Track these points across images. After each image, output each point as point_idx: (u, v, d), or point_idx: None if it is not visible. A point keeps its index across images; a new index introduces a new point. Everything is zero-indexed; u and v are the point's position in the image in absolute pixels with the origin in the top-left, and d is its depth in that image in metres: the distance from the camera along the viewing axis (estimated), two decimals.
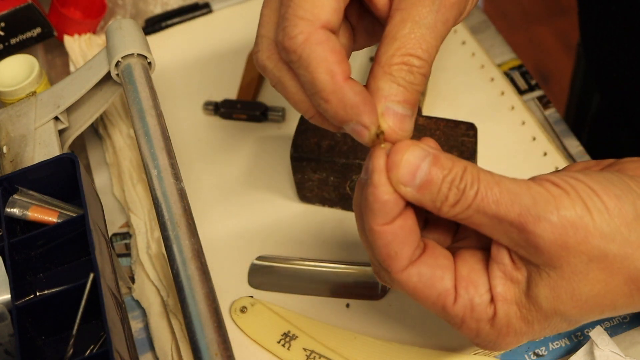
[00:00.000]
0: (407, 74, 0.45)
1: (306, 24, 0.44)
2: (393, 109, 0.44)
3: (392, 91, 0.45)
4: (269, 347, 0.59)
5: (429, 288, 0.44)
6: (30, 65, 0.71)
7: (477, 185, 0.42)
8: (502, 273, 0.43)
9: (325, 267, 0.63)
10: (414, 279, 0.44)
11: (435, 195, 0.42)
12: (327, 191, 0.65)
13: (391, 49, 0.45)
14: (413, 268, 0.44)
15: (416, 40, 0.45)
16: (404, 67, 0.44)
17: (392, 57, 0.45)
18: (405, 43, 0.45)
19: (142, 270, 0.65)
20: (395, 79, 0.45)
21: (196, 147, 0.74)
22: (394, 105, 0.44)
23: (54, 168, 0.57)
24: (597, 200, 0.41)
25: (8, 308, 0.50)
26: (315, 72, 0.44)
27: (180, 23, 0.85)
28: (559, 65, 1.94)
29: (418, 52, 0.45)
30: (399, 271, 0.44)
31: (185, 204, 0.52)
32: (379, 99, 0.45)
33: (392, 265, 0.44)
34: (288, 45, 0.44)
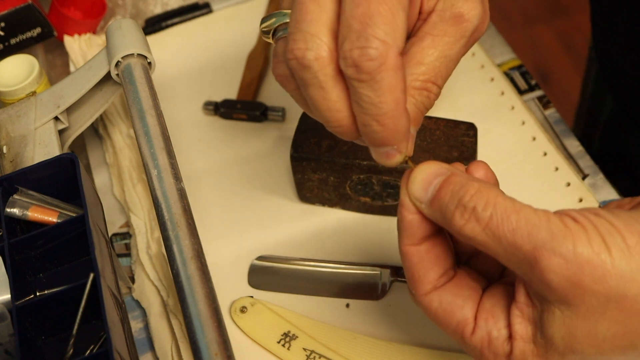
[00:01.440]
0: (425, 99, 0.47)
1: (386, 47, 0.42)
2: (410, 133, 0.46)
3: (412, 114, 0.46)
4: (269, 347, 0.59)
5: (449, 315, 0.44)
6: (30, 65, 0.71)
7: (492, 210, 0.41)
8: (520, 311, 0.43)
9: (325, 267, 0.63)
10: (435, 304, 0.44)
11: (444, 211, 0.42)
12: (327, 191, 0.65)
13: (417, 71, 0.46)
14: (435, 294, 0.44)
15: (439, 70, 0.47)
16: (424, 92, 0.46)
17: (416, 80, 0.46)
18: (430, 70, 0.46)
19: (142, 270, 0.65)
20: (415, 102, 0.46)
21: (196, 147, 0.74)
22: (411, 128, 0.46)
23: (54, 168, 0.57)
24: (618, 237, 0.39)
25: (8, 308, 0.50)
26: (384, 96, 0.43)
27: (180, 23, 0.85)
28: (559, 65, 1.94)
29: (439, 81, 0.47)
30: (421, 294, 0.45)
31: (185, 204, 0.52)
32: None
33: (416, 287, 0.45)
34: (365, 65, 0.42)
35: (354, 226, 0.66)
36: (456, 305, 0.44)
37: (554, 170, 0.66)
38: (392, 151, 0.45)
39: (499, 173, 0.67)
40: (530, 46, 2.00)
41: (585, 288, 0.39)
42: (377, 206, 0.65)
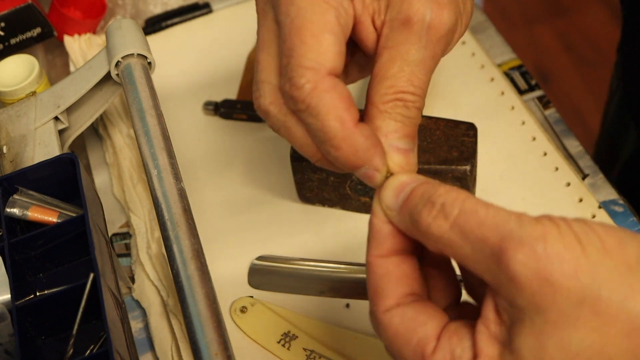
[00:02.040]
0: (403, 109, 0.45)
1: (312, 73, 0.43)
2: (396, 145, 0.44)
3: (390, 128, 0.44)
4: (269, 347, 0.59)
5: (409, 332, 0.40)
6: (30, 65, 0.71)
7: (460, 206, 0.38)
8: (486, 328, 0.38)
9: (325, 267, 0.63)
10: (396, 319, 0.41)
11: (412, 212, 0.40)
12: (327, 191, 0.65)
13: (383, 87, 0.45)
14: (397, 309, 0.41)
15: (407, 78, 0.45)
16: (399, 103, 0.45)
17: (384, 95, 0.45)
18: (397, 81, 0.45)
19: (142, 270, 0.65)
20: (392, 116, 0.45)
21: (196, 147, 0.74)
22: (396, 141, 0.44)
23: (54, 168, 0.57)
24: (594, 237, 0.36)
25: (8, 308, 0.50)
26: (325, 121, 0.43)
27: (180, 23, 0.85)
28: (559, 65, 1.94)
29: (410, 89, 0.45)
30: (382, 311, 0.41)
31: (185, 204, 0.52)
32: (382, 137, 0.44)
33: (378, 301, 0.42)
34: (296, 95, 0.43)
35: (354, 226, 0.66)
36: (418, 322, 0.40)
37: (554, 170, 0.66)
38: (369, 171, 0.44)
39: (499, 173, 0.68)
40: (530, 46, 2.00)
41: (555, 285, 0.35)
42: None
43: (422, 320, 0.40)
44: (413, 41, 0.45)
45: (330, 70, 0.43)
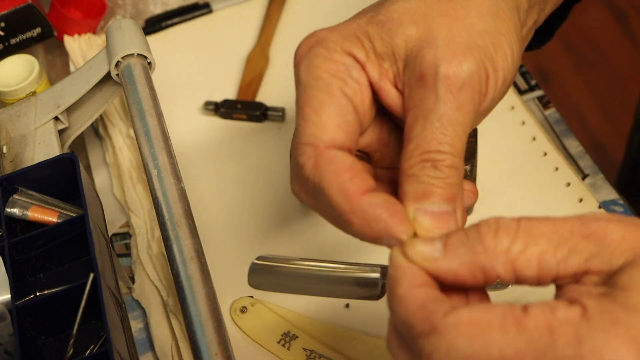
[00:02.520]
0: (431, 170, 0.41)
1: (311, 149, 0.42)
2: (425, 209, 0.41)
3: (419, 191, 0.41)
4: (269, 347, 0.59)
5: (485, 312, 0.35)
6: (30, 65, 0.71)
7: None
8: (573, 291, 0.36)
9: (325, 267, 0.63)
10: (464, 315, 0.35)
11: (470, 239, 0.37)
12: None
13: (408, 150, 0.42)
14: (459, 309, 0.36)
15: (431, 136, 0.41)
16: (427, 164, 0.41)
17: (410, 158, 0.41)
18: (421, 141, 0.41)
19: (142, 270, 0.64)
20: (420, 179, 0.41)
21: (196, 147, 0.74)
22: (425, 205, 0.41)
23: (54, 168, 0.57)
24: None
25: (8, 308, 0.50)
26: (330, 196, 0.41)
27: (180, 23, 0.85)
28: (559, 65, 1.94)
29: (435, 147, 0.41)
30: (443, 316, 0.35)
31: (185, 204, 0.52)
32: (407, 202, 0.41)
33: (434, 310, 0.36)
34: (301, 174, 0.43)
35: None
36: (487, 305, 0.36)
37: (554, 170, 0.66)
38: (392, 242, 0.41)
39: (499, 173, 0.67)
40: None
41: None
42: None
43: (487, 304, 0.36)
44: (430, 97, 0.42)
45: (329, 143, 0.42)
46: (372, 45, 0.44)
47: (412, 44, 0.43)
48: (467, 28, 0.43)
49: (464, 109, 0.42)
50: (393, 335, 0.38)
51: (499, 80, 0.44)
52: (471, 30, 0.43)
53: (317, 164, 0.42)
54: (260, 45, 0.80)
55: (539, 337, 0.33)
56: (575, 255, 0.36)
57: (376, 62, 0.44)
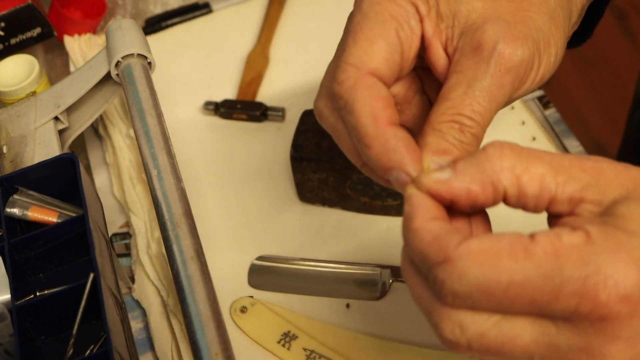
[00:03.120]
0: (457, 132, 0.43)
1: (354, 69, 0.44)
2: (440, 163, 0.42)
3: (440, 146, 0.42)
4: (269, 347, 0.59)
5: (495, 241, 0.36)
6: (30, 65, 0.71)
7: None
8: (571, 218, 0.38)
9: (325, 267, 0.63)
10: (475, 245, 0.36)
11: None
12: (327, 191, 0.65)
13: (442, 108, 0.44)
14: (470, 239, 0.37)
15: (468, 102, 0.43)
16: (455, 125, 0.43)
17: (441, 115, 0.43)
18: (457, 104, 0.43)
19: (142, 270, 0.65)
20: (444, 136, 0.43)
21: (196, 147, 0.74)
22: (442, 160, 0.42)
23: (54, 168, 0.57)
24: None
25: (8, 308, 0.50)
26: (359, 117, 0.43)
27: (180, 23, 0.85)
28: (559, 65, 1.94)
29: (469, 113, 0.43)
30: (456, 247, 0.37)
31: (185, 204, 0.52)
32: (426, 152, 0.42)
33: (447, 243, 0.37)
34: (336, 90, 0.44)
35: (354, 226, 0.66)
36: (494, 236, 0.37)
37: None
38: (401, 176, 0.42)
39: None
40: None
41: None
42: (377, 206, 0.65)
43: (496, 235, 0.37)
44: (481, 67, 0.44)
45: (372, 70, 0.44)
46: (436, 3, 0.46)
47: (476, 16, 0.46)
48: (527, 20, 0.46)
49: (504, 89, 0.44)
50: (407, 264, 0.40)
51: (539, 76, 0.47)
52: (530, 23, 0.46)
53: (356, 84, 0.43)
54: (260, 45, 0.80)
55: (547, 262, 0.35)
56: (573, 181, 0.38)
57: (435, 20, 0.46)
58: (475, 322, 0.37)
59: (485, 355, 0.38)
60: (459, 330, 0.37)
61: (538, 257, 0.35)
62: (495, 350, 0.37)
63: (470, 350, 0.38)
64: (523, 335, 0.37)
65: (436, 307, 0.38)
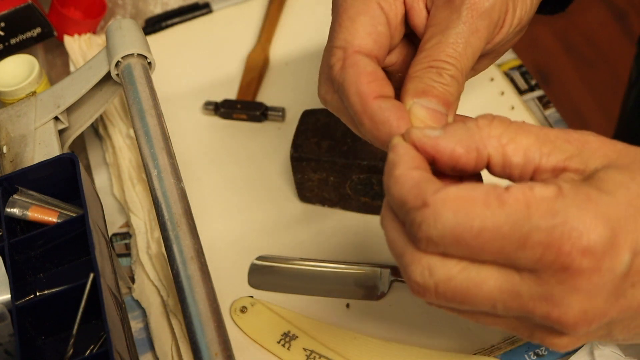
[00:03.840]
0: (434, 75, 0.44)
1: (341, 52, 0.45)
2: (421, 103, 0.44)
3: (419, 89, 0.44)
4: (269, 347, 0.59)
5: (471, 190, 0.37)
6: (30, 65, 0.71)
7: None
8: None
9: (325, 267, 0.63)
10: (452, 192, 0.37)
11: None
12: (327, 191, 0.65)
13: (418, 59, 0.45)
14: (448, 187, 0.38)
15: (442, 48, 0.45)
16: (432, 69, 0.44)
17: (418, 64, 0.45)
18: (432, 52, 0.45)
19: (142, 270, 0.64)
20: (422, 79, 0.44)
21: (196, 147, 0.74)
22: (422, 101, 0.44)
23: (54, 168, 0.57)
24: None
25: (8, 308, 0.50)
26: (348, 97, 0.44)
27: (180, 23, 0.85)
28: (559, 65, 1.94)
29: (444, 57, 0.45)
30: (433, 193, 0.38)
31: (185, 204, 0.52)
32: (406, 97, 0.44)
33: (425, 189, 0.38)
34: (331, 74, 0.46)
35: (354, 226, 0.66)
36: (471, 184, 0.38)
37: None
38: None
39: None
40: (530, 46, 1.99)
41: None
42: (377, 206, 0.65)
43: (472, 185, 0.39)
44: (453, 16, 0.46)
45: (357, 48, 0.45)
46: None
47: None
48: None
49: (478, 33, 0.46)
50: (386, 210, 0.41)
51: (515, 19, 0.48)
52: None
53: (344, 65, 0.45)
54: (260, 45, 0.80)
55: (517, 211, 0.36)
56: (557, 152, 0.39)
57: None
58: (444, 266, 0.38)
59: (451, 302, 0.39)
60: (427, 273, 0.38)
61: (509, 206, 0.36)
62: (460, 295, 0.38)
63: (436, 294, 0.38)
64: (488, 281, 0.38)
65: (409, 251, 0.39)
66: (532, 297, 0.37)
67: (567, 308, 0.37)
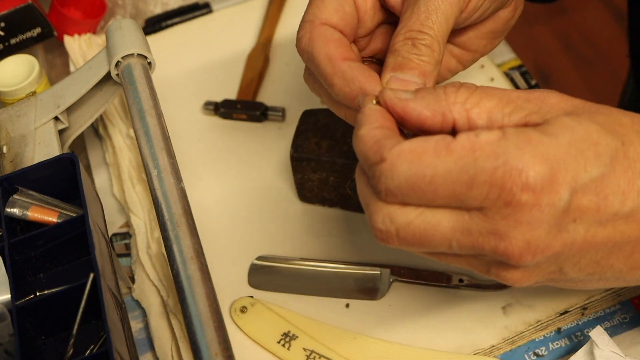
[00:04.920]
0: (410, 47, 0.47)
1: (309, 24, 0.49)
2: (397, 76, 0.47)
3: (396, 63, 0.47)
4: (269, 347, 0.59)
5: (422, 142, 0.41)
6: (30, 65, 0.71)
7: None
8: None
9: (325, 267, 0.63)
10: (406, 146, 0.41)
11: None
12: (327, 191, 0.65)
13: (395, 33, 0.48)
14: (402, 142, 0.42)
15: (415, 19, 0.47)
16: (407, 42, 0.47)
17: (395, 38, 0.48)
18: (407, 23, 0.48)
19: (142, 270, 0.64)
20: (399, 53, 0.47)
21: (196, 147, 0.74)
22: (399, 74, 0.47)
23: (54, 168, 0.57)
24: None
25: (8, 308, 0.50)
26: (318, 62, 0.48)
27: (180, 23, 0.85)
28: (559, 65, 1.94)
29: (417, 27, 0.47)
30: (390, 148, 0.41)
31: (185, 204, 0.52)
32: (385, 72, 0.47)
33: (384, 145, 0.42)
34: (299, 47, 0.50)
35: (354, 226, 0.66)
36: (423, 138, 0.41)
37: None
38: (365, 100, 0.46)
39: None
40: (530, 46, 1.99)
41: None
42: None
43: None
44: None
45: (324, 21, 0.49)
46: None
47: None
48: None
49: (452, 2, 0.48)
50: (359, 168, 0.44)
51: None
52: None
53: (312, 36, 0.49)
54: (260, 45, 0.80)
55: (464, 156, 0.40)
56: (518, 111, 0.42)
57: None
58: (403, 213, 0.41)
59: (412, 245, 0.42)
60: (389, 220, 0.42)
61: (457, 152, 0.40)
62: (419, 237, 0.42)
63: (398, 238, 0.42)
64: (442, 222, 0.41)
65: (373, 202, 0.42)
66: (480, 233, 0.40)
67: (512, 239, 0.40)
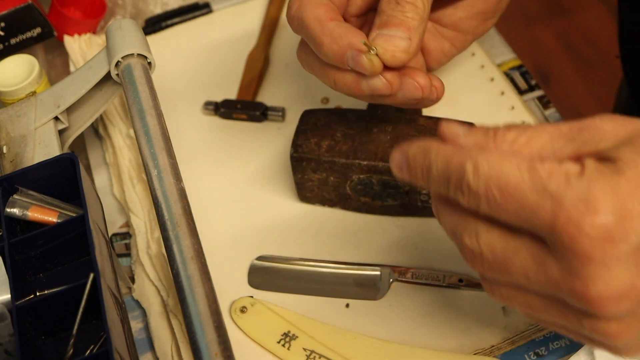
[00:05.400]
0: (394, 5, 0.51)
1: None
2: (382, 33, 0.51)
3: (382, 22, 0.51)
4: (269, 347, 0.59)
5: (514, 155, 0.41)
6: (30, 65, 0.71)
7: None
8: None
9: (325, 267, 0.63)
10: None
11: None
12: (327, 191, 0.65)
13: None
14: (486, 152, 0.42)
15: None
16: (392, 2, 0.51)
17: (381, 1, 0.52)
18: None
19: (142, 270, 0.65)
20: (385, 12, 0.51)
21: (196, 147, 0.74)
22: (384, 30, 0.51)
23: (54, 168, 0.57)
24: None
25: (8, 308, 0.50)
26: (308, 26, 0.51)
27: (180, 23, 0.85)
28: (559, 65, 1.94)
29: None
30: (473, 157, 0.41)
31: (185, 204, 0.52)
32: (372, 32, 0.51)
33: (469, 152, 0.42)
34: (289, 15, 0.53)
35: (354, 226, 0.66)
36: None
37: None
38: (354, 54, 0.50)
39: None
40: (530, 46, 1.99)
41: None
42: (377, 206, 0.65)
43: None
44: None
45: None
46: None
47: None
48: None
49: None
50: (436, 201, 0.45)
51: None
52: None
53: (301, 3, 0.53)
54: (260, 45, 0.80)
55: (541, 175, 0.39)
56: (570, 143, 0.41)
57: None
58: (487, 231, 0.41)
59: (493, 268, 0.41)
60: (474, 236, 0.42)
61: (536, 171, 0.39)
62: (501, 259, 0.41)
63: (482, 257, 0.41)
64: (522, 249, 0.40)
65: (462, 220, 0.42)
66: (556, 266, 0.39)
67: (587, 280, 0.38)
